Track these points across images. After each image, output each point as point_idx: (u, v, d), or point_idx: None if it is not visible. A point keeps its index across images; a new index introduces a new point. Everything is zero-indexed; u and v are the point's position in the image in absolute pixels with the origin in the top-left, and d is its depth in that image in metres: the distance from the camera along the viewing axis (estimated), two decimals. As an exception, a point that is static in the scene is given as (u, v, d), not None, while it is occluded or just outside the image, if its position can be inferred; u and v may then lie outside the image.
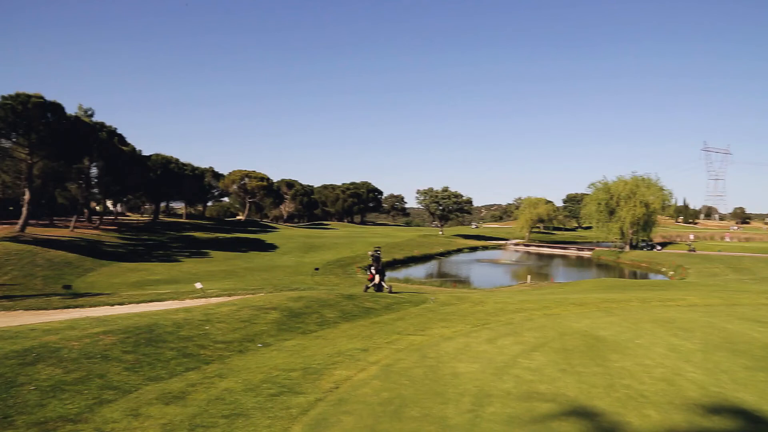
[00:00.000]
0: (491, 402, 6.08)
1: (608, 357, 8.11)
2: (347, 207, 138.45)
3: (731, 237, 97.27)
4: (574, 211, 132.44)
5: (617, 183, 75.42)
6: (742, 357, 8.29)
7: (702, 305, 14.37)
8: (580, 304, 13.81)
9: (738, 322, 11.44)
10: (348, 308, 13.65)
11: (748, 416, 5.79)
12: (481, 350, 8.51)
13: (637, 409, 5.87)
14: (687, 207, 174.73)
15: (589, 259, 71.36)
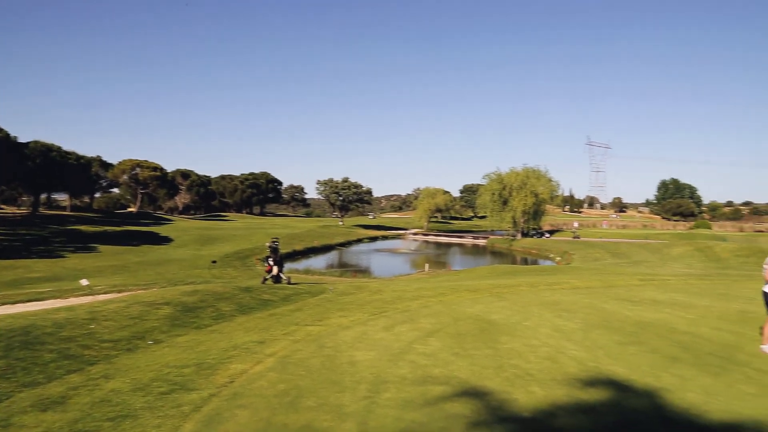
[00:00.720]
0: (387, 388, 6.20)
1: (499, 339, 8.50)
2: (246, 198, 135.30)
3: (608, 224, 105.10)
4: (470, 201, 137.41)
5: (510, 174, 79.16)
6: (616, 333, 8.99)
7: (584, 288, 15.42)
8: (474, 290, 14.37)
9: (614, 302, 12.39)
10: (245, 301, 13.38)
11: (619, 386, 6.30)
12: (378, 338, 8.64)
13: (523, 387, 6.21)
14: (572, 197, 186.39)
15: (484, 247, 74.37)
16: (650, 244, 55.97)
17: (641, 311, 11.26)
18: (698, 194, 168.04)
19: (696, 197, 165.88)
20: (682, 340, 8.63)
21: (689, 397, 5.99)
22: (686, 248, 50.11)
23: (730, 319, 10.62)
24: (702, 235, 72.90)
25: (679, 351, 7.97)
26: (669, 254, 48.19)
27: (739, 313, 11.27)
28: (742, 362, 7.46)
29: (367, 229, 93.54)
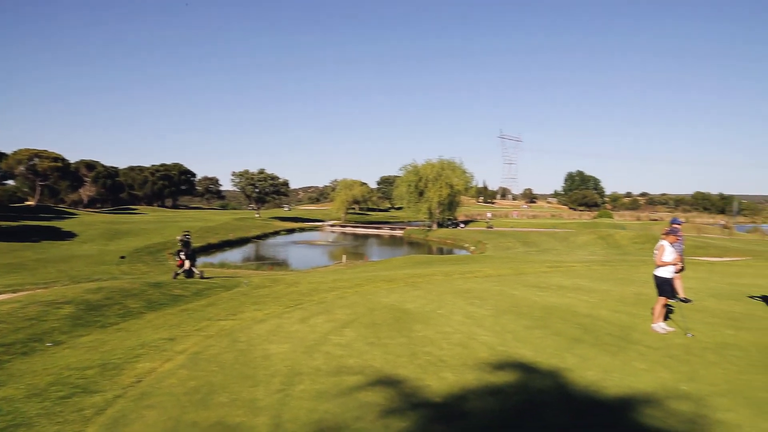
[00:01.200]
0: (301, 380, 6.16)
1: (413, 328, 8.65)
2: (157, 190, 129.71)
3: (519, 214, 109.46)
4: (387, 193, 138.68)
5: (426, 166, 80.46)
6: (525, 318, 9.39)
7: (495, 275, 15.97)
8: (390, 280, 14.53)
9: (523, 289, 12.91)
10: (154, 297, 12.87)
11: (526, 368, 6.59)
12: (293, 330, 8.57)
13: (435, 373, 6.36)
14: (486, 188, 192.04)
15: (401, 238, 75.28)
16: (558, 233, 58.71)
17: (548, 296, 11.80)
18: (601, 186, 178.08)
19: (599, 188, 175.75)
20: (584, 323, 9.13)
21: (589, 375, 6.36)
22: (590, 236, 52.93)
23: (626, 301, 11.34)
24: (604, 224, 77.44)
25: (581, 333, 8.43)
26: (575, 242, 50.74)
27: (635, 295, 12.06)
28: (636, 341, 8.00)
29: (285, 221, 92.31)
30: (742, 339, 8.22)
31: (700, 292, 12.75)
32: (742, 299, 12.02)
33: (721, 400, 5.62)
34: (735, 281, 15.30)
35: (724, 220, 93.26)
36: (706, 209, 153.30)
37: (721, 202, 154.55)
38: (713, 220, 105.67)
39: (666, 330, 8.56)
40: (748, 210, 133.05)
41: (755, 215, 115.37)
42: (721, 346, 7.82)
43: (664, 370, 6.61)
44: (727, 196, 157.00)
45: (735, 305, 11.17)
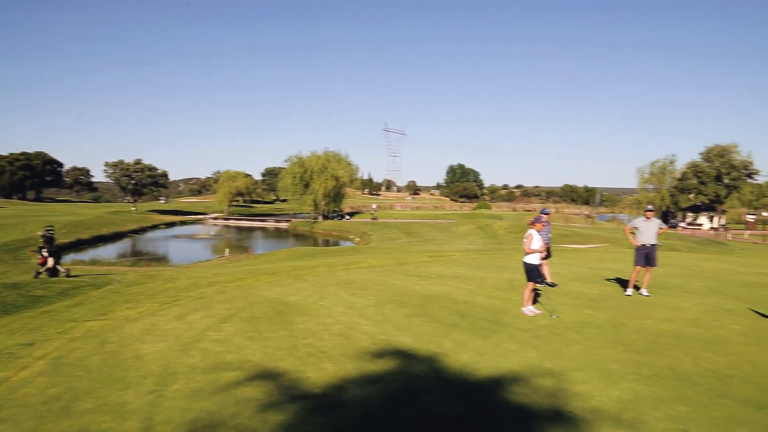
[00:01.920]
0: (176, 379, 5.91)
1: (294, 320, 8.59)
2: (17, 181, 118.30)
3: (402, 206, 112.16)
4: (273, 185, 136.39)
5: (311, 158, 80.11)
6: (405, 307, 9.64)
7: (378, 266, 16.24)
8: (273, 273, 14.32)
9: (405, 278, 13.24)
10: (11, 299, 11.76)
11: (405, 355, 6.77)
12: (168, 328, 8.19)
13: (316, 365, 6.36)
14: (371, 180, 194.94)
15: (287, 231, 74.46)
16: (440, 224, 60.89)
17: (428, 285, 12.19)
18: (481, 178, 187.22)
19: (479, 181, 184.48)
20: (461, 309, 9.54)
21: (463, 358, 6.65)
22: (470, 227, 55.42)
23: (500, 287, 11.99)
24: (483, 215, 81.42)
25: (457, 319, 8.79)
26: (456, 232, 52.87)
27: (508, 281, 12.78)
28: (508, 324, 8.49)
29: (164, 214, 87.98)
30: (599, 318, 8.99)
31: (565, 276, 13.74)
32: (600, 282, 13.13)
33: (579, 374, 6.10)
34: (595, 266, 16.66)
35: (588, 211, 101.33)
36: (573, 200, 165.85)
37: (585, 194, 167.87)
38: (579, 210, 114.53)
39: (534, 313, 9.16)
40: (609, 201, 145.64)
41: (614, 206, 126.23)
42: (581, 325, 8.50)
43: (532, 350, 7.07)
44: (591, 188, 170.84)
45: (594, 288, 12.17)
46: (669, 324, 8.66)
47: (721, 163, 69.67)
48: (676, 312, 9.62)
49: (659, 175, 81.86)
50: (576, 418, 4.94)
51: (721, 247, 38.70)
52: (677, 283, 13.18)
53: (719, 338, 7.84)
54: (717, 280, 13.97)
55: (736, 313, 9.58)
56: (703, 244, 39.74)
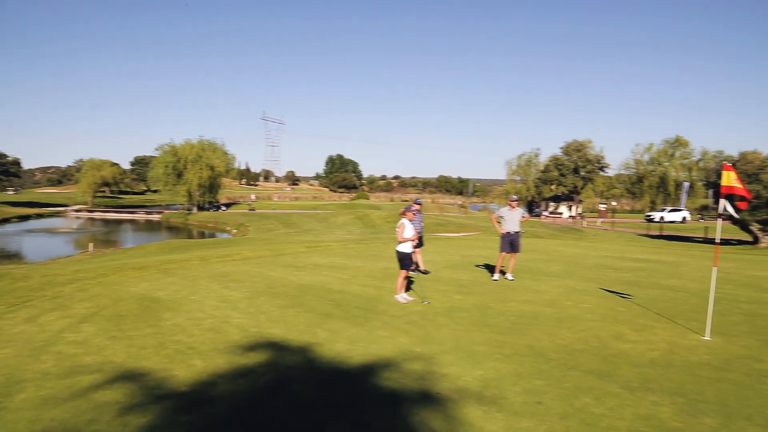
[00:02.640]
0: (23, 388, 5.39)
1: (162, 316, 8.17)
2: None
3: (279, 197, 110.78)
4: (143, 174, 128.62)
5: (185, 146, 76.54)
6: (280, 298, 9.52)
7: (254, 258, 15.89)
8: (140, 267, 13.54)
9: (280, 269, 13.08)
10: None
11: (278, 347, 6.69)
12: (16, 332, 7.44)
13: (184, 362, 6.09)
14: (249, 170, 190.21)
15: (159, 223, 70.68)
16: (318, 214, 60.75)
17: (304, 275, 12.13)
18: (359, 169, 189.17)
19: (358, 171, 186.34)
20: (336, 298, 9.59)
21: (337, 347, 6.70)
22: (348, 217, 55.84)
23: (376, 276, 12.21)
24: (361, 205, 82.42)
25: (332, 308, 8.84)
26: (334, 222, 53.04)
27: (383, 270, 13.04)
28: (381, 311, 8.67)
29: (16, 206, 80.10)
30: (467, 302, 9.44)
31: (438, 264, 14.28)
32: (470, 268, 13.79)
33: (447, 357, 6.37)
34: (466, 253, 17.47)
35: (462, 201, 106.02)
36: (448, 191, 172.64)
37: (459, 185, 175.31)
38: (453, 200, 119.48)
39: (407, 299, 9.43)
40: (481, 191, 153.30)
41: (486, 196, 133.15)
42: (451, 309, 8.88)
43: (404, 336, 7.27)
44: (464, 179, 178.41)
45: (464, 274, 12.76)
46: (530, 306, 9.30)
47: (578, 156, 75.73)
48: (537, 294, 10.34)
49: (525, 167, 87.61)
50: (443, 398, 5.14)
51: (578, 233, 42.12)
52: (539, 268, 14.17)
53: (572, 316, 8.53)
54: (573, 264, 15.20)
55: (587, 293, 10.49)
56: (562, 231, 43.05)
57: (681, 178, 77.12)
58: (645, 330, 7.81)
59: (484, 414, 4.78)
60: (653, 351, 6.79)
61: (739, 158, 36.52)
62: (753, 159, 35.86)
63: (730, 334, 7.64)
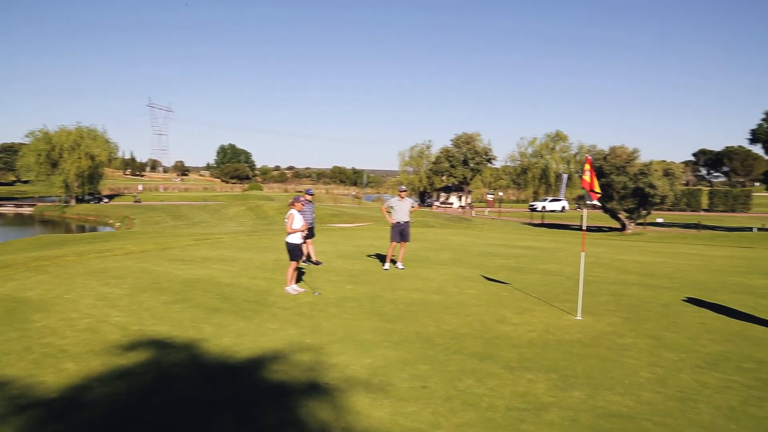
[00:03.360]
0: None
1: (30, 318, 7.56)
2: None
3: (164, 188, 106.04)
4: (11, 164, 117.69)
5: (60, 133, 70.94)
6: (164, 294, 9.12)
7: (138, 252, 15.10)
8: (6, 266, 12.43)
9: (166, 264, 12.53)
10: None
11: (161, 344, 6.40)
12: None
13: (54, 366, 5.67)
14: (134, 160, 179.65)
15: (32, 216, 65.24)
16: (209, 206, 58.77)
17: (191, 269, 11.70)
18: (253, 159, 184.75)
19: (251, 162, 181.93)
20: (225, 292, 9.34)
21: (224, 342, 6.53)
22: (241, 208, 54.48)
23: (266, 268, 12.02)
24: (254, 196, 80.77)
25: (220, 302, 8.60)
26: (226, 214, 51.57)
27: (274, 261, 12.86)
28: (271, 303, 8.55)
29: None
30: (358, 292, 9.54)
31: (330, 254, 14.30)
32: (362, 258, 13.93)
33: (337, 346, 6.41)
34: (359, 243, 17.64)
35: (356, 191, 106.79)
36: (342, 182, 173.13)
37: (354, 176, 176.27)
38: (347, 191, 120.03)
39: (297, 291, 9.36)
40: (375, 182, 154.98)
41: (380, 186, 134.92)
42: (342, 299, 8.93)
43: (293, 327, 7.22)
44: (358, 170, 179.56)
45: (356, 264, 12.87)
46: (419, 293, 9.56)
47: (468, 149, 78.50)
48: (426, 282, 10.65)
49: (417, 158, 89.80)
50: (331, 388, 5.17)
51: (467, 222, 43.84)
52: (429, 256, 14.59)
53: (458, 303, 8.87)
54: (461, 252, 15.80)
55: (472, 280, 10.95)
56: (452, 221, 44.60)
57: (561, 170, 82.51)
58: (525, 313, 8.28)
59: (372, 401, 4.86)
60: (532, 332, 7.21)
61: (610, 152, 39.45)
62: (621, 153, 38.83)
63: (598, 314, 8.28)
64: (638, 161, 39.04)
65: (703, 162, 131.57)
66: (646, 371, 5.74)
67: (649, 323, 7.77)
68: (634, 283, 11.03)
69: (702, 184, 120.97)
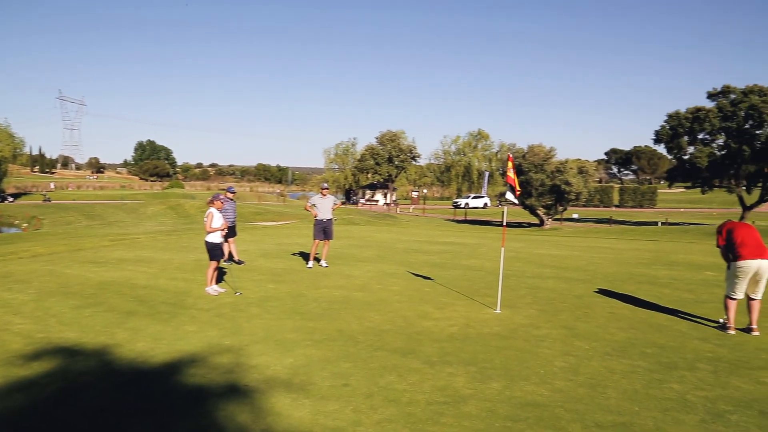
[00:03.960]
0: None
1: None
2: None
3: (74, 186, 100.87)
4: None
5: (-44, 128, 65.86)
6: (74, 298, 8.66)
7: (46, 254, 14.26)
8: None
9: (77, 266, 11.90)
10: None
11: (69, 352, 6.06)
12: None
13: (-53, 378, 5.26)
14: (43, 156, 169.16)
15: (-76, 218, 60.14)
16: (127, 205, 56.23)
17: (105, 272, 11.17)
18: (173, 156, 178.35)
19: (171, 159, 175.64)
20: (141, 294, 8.98)
21: (139, 346, 6.26)
22: (160, 207, 52.44)
23: (185, 268, 11.65)
24: (175, 194, 77.92)
25: (135, 305, 8.25)
26: (144, 213, 49.51)
27: (194, 262, 12.49)
28: (190, 305, 8.29)
29: None
30: (281, 291, 9.42)
31: (252, 253, 14.04)
32: (285, 256, 13.76)
33: (257, 347, 6.29)
34: (283, 242, 17.41)
35: (281, 189, 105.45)
36: (267, 179, 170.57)
37: (279, 173, 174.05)
38: (272, 188, 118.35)
39: (218, 291, 9.13)
40: (300, 180, 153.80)
41: (305, 184, 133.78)
42: (264, 299, 8.79)
43: (212, 329, 7.03)
44: (283, 167, 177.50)
45: (279, 263, 12.70)
46: (342, 291, 9.55)
47: (393, 146, 79.22)
48: (349, 279, 10.65)
49: (343, 156, 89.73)
50: (251, 390, 5.06)
51: (392, 219, 44.23)
52: (353, 253, 14.61)
53: (381, 299, 8.93)
54: (385, 249, 15.91)
55: (396, 276, 11.06)
56: (377, 218, 44.86)
57: (483, 167, 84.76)
58: (446, 308, 8.44)
59: (292, 402, 4.80)
60: (453, 326, 7.36)
61: (528, 151, 40.96)
62: (539, 151, 40.40)
63: (516, 306, 8.57)
64: (555, 159, 40.72)
65: (614, 160, 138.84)
66: (559, 360, 5.99)
67: (564, 314, 8.11)
68: (550, 277, 11.49)
69: (613, 181, 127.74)
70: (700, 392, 5.10)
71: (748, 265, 7.06)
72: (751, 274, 7.09)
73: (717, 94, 41.55)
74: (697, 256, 15.76)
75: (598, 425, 4.36)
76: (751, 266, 7.05)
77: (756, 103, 38.45)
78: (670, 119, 43.28)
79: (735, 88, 40.69)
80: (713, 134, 41.88)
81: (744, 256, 7.08)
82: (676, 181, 47.03)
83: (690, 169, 43.00)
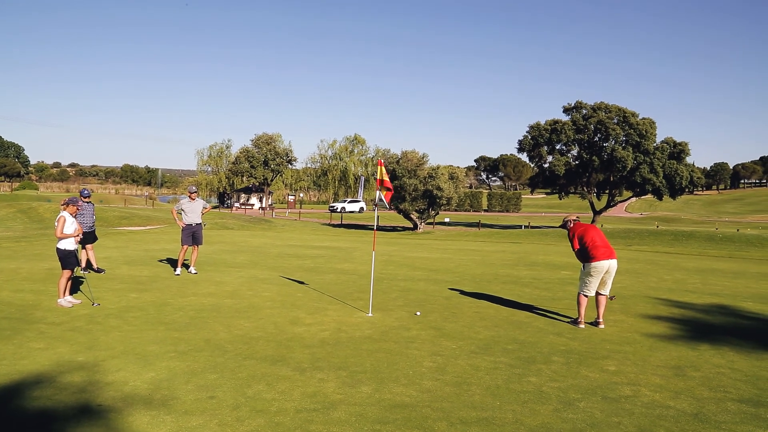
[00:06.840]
0: None
1: None
2: None
3: None
4: None
5: None
6: None
7: None
8: None
9: None
10: None
11: None
12: None
13: None
14: None
15: None
16: (-33, 208, 50.37)
17: (-66, 284, 9.88)
18: (25, 154, 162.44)
19: (23, 157, 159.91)
20: (-22, 309, 8.03)
21: (-27, 368, 5.58)
22: (9, 210, 47.39)
23: (35, 278, 10.64)
24: (27, 196, 71.16)
25: (-29, 321, 7.36)
26: (-11, 218, 44.62)
27: (46, 271, 11.44)
28: (38, 319, 7.56)
29: None
30: (144, 300, 8.88)
31: (115, 260, 13.14)
32: (152, 263, 13.01)
33: (115, 362, 5.85)
34: (150, 247, 16.46)
35: (149, 191, 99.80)
36: (135, 181, 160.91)
37: (147, 175, 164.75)
38: (140, 191, 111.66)
39: (72, 303, 8.42)
40: (171, 182, 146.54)
41: (176, 187, 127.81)
42: (124, 309, 8.23)
43: (64, 345, 6.45)
44: (152, 169, 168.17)
45: (144, 270, 11.98)
46: (211, 298, 9.19)
47: (268, 149, 77.84)
48: (219, 286, 10.28)
49: (217, 158, 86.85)
50: (105, 409, 4.69)
51: (267, 224, 43.41)
52: (225, 259, 14.14)
53: (252, 306, 8.71)
54: (258, 254, 15.56)
55: (268, 282, 10.85)
56: (252, 222, 43.80)
57: (359, 172, 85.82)
58: (318, 312, 8.40)
59: (152, 419, 4.51)
60: (324, 331, 7.33)
61: (402, 156, 42.09)
62: (412, 157, 41.62)
63: (388, 309, 8.72)
64: (427, 165, 42.12)
65: (483, 167, 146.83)
66: (428, 361, 6.17)
67: (433, 315, 8.39)
68: (421, 279, 11.85)
69: (482, 187, 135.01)
70: (554, 383, 5.49)
71: (601, 265, 7.76)
72: (603, 272, 7.80)
73: (571, 109, 45.41)
74: (555, 257, 17.04)
75: (463, 422, 4.53)
76: (604, 266, 7.77)
77: (602, 118, 42.49)
78: (531, 130, 46.60)
79: (586, 104, 44.72)
80: (569, 145, 45.72)
81: (597, 257, 7.77)
82: (537, 187, 50.71)
83: (549, 177, 46.57)
